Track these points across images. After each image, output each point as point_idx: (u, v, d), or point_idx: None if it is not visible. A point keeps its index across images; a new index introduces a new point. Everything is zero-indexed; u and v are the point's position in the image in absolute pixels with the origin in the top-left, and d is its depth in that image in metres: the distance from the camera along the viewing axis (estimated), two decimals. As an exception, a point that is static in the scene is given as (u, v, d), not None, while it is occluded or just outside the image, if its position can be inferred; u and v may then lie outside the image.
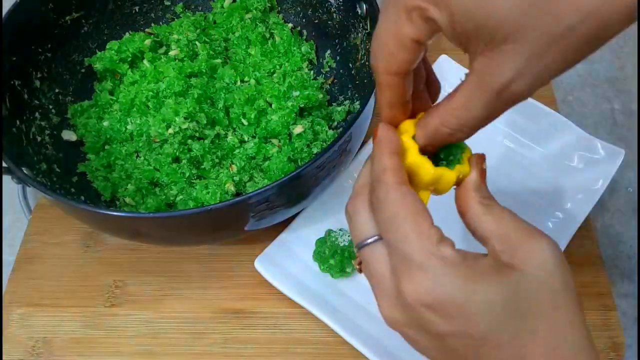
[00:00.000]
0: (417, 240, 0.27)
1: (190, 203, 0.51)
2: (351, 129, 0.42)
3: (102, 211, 0.40)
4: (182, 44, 0.58)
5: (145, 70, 0.57)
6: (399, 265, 0.28)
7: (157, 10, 0.63)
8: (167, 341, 0.49)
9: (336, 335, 0.46)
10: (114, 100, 0.57)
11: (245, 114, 0.54)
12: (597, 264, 0.52)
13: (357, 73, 0.56)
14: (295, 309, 0.49)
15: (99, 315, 0.50)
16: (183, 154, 0.52)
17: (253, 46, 0.60)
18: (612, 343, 0.47)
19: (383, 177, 0.29)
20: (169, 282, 0.52)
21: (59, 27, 0.56)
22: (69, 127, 0.56)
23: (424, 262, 0.26)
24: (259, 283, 0.50)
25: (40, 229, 0.56)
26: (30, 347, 0.49)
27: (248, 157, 0.53)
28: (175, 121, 0.51)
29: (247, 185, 0.52)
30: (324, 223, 0.52)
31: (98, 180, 0.53)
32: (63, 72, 0.57)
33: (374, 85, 0.45)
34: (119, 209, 0.51)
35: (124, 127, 0.55)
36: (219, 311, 0.50)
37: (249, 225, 0.44)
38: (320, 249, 0.50)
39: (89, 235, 0.55)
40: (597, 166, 0.54)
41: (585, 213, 0.52)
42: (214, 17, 0.63)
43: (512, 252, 0.27)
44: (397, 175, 0.29)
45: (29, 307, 0.51)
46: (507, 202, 0.30)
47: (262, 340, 0.48)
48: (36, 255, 0.54)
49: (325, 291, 0.49)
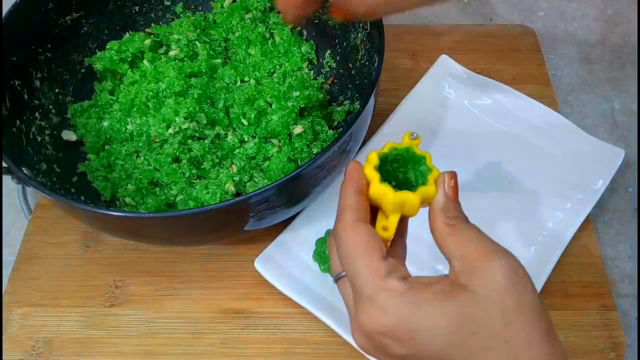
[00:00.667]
0: (367, 274, 0.30)
1: (190, 203, 0.51)
2: (351, 129, 0.42)
3: (102, 211, 0.40)
4: (182, 44, 0.58)
5: (145, 70, 0.57)
6: (355, 298, 0.31)
7: (157, 10, 0.63)
8: (167, 341, 0.49)
9: (336, 335, 0.46)
10: (114, 100, 0.57)
11: (245, 114, 0.54)
12: (597, 264, 0.52)
13: (357, 73, 0.56)
14: (295, 309, 0.49)
15: (99, 315, 0.50)
16: (183, 154, 0.52)
17: (253, 46, 0.60)
18: (612, 343, 0.47)
19: (342, 215, 0.32)
20: (169, 282, 0.52)
21: (59, 27, 0.56)
22: (69, 127, 0.56)
23: (372, 295, 0.29)
24: (259, 283, 0.50)
25: (40, 229, 0.56)
26: (30, 347, 0.49)
27: (248, 157, 0.53)
28: (175, 121, 0.51)
29: (247, 185, 0.52)
30: (324, 223, 0.52)
31: (98, 180, 0.53)
32: (63, 72, 0.57)
33: (374, 85, 0.45)
34: (119, 209, 0.51)
35: (124, 127, 0.55)
36: (219, 311, 0.50)
37: (249, 225, 0.44)
38: (320, 249, 0.50)
39: (89, 235, 0.55)
40: (597, 166, 0.54)
41: (585, 213, 0.52)
42: (214, 17, 0.63)
43: (469, 273, 0.29)
44: (355, 214, 0.32)
45: (29, 307, 0.51)
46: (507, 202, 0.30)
47: (262, 340, 0.48)
48: (36, 255, 0.54)
49: (325, 291, 0.49)
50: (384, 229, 0.32)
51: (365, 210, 0.32)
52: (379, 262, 0.30)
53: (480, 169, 0.56)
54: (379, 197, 0.32)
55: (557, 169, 0.55)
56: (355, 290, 0.31)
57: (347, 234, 0.31)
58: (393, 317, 0.28)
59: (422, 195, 0.32)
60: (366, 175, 0.33)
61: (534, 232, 0.51)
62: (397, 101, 0.59)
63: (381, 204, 0.33)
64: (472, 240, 0.30)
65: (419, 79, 0.61)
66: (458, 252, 0.30)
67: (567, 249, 0.50)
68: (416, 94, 0.60)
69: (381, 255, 0.30)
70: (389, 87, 0.63)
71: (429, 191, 0.32)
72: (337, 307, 0.48)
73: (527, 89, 0.60)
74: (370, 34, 0.52)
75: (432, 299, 0.28)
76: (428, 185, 0.32)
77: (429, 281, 0.30)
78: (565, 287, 0.50)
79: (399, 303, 0.29)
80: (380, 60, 0.46)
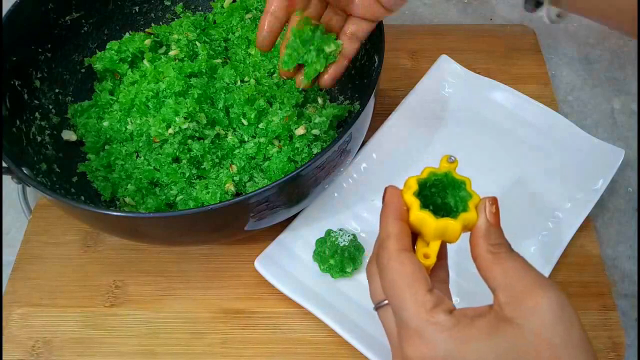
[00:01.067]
0: (413, 307, 0.29)
1: (190, 203, 0.51)
2: (351, 129, 0.42)
3: (102, 211, 0.40)
4: (182, 44, 0.58)
5: (145, 70, 0.57)
6: (400, 329, 0.30)
7: (157, 10, 0.63)
8: (167, 341, 0.49)
9: (336, 335, 0.46)
10: (114, 100, 0.57)
11: (245, 114, 0.54)
12: (597, 264, 0.52)
13: (357, 73, 0.56)
14: (295, 309, 0.49)
15: (99, 315, 0.50)
16: (183, 154, 0.52)
17: (253, 46, 0.60)
18: (612, 343, 0.47)
19: (386, 243, 0.31)
20: (169, 282, 0.52)
21: (59, 27, 0.56)
22: (69, 127, 0.56)
23: (419, 328, 0.29)
24: (259, 283, 0.50)
25: (40, 229, 0.56)
26: (30, 347, 0.49)
27: (248, 157, 0.53)
28: (175, 121, 0.51)
29: (247, 185, 0.52)
30: (324, 223, 0.52)
31: (98, 180, 0.53)
32: (63, 72, 0.57)
33: (374, 85, 0.45)
34: (119, 209, 0.51)
35: (124, 127, 0.55)
36: (219, 311, 0.50)
37: (249, 225, 0.44)
38: (320, 249, 0.50)
39: (89, 235, 0.55)
40: (597, 166, 0.54)
41: (585, 213, 0.52)
42: (214, 17, 0.63)
43: (515, 305, 0.29)
44: (399, 242, 0.31)
45: (29, 307, 0.51)
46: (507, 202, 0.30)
47: (262, 340, 0.48)
48: (36, 255, 0.54)
49: (325, 291, 0.49)
50: (425, 257, 0.32)
51: (408, 238, 0.32)
52: (425, 294, 0.30)
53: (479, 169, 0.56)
54: (419, 224, 0.32)
55: (557, 168, 0.55)
56: (400, 322, 0.30)
57: (392, 264, 0.31)
58: (441, 352, 0.28)
59: (463, 222, 0.32)
60: (406, 202, 0.33)
61: (534, 232, 0.51)
62: (397, 101, 0.59)
63: (422, 231, 0.33)
64: (518, 270, 0.30)
65: (419, 79, 0.61)
66: (503, 283, 0.30)
67: (567, 249, 0.50)
68: (416, 94, 0.60)
69: (427, 287, 0.30)
70: (389, 87, 0.63)
71: (470, 217, 0.32)
72: (337, 307, 0.48)
73: (527, 89, 0.60)
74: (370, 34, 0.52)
75: (479, 335, 0.28)
76: (469, 211, 0.32)
77: (474, 313, 0.29)
78: (565, 287, 0.50)
79: (447, 338, 0.28)
80: (380, 60, 0.46)
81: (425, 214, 0.32)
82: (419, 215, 0.32)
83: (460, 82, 0.61)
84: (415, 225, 0.33)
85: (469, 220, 0.32)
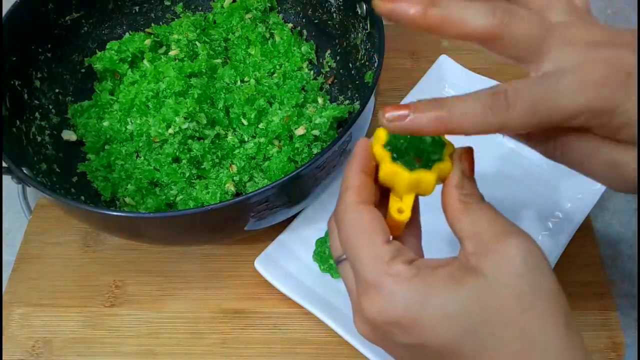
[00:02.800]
0: (370, 260, 0.28)
1: (190, 203, 0.51)
2: (351, 129, 0.42)
3: (102, 211, 0.40)
4: (182, 44, 0.58)
5: (145, 70, 0.57)
6: (358, 285, 0.29)
7: (157, 10, 0.63)
8: (167, 341, 0.49)
9: (336, 335, 0.46)
10: (114, 100, 0.57)
11: (245, 114, 0.54)
12: (597, 264, 0.52)
13: (357, 73, 0.56)
14: (295, 309, 0.49)
15: (99, 315, 0.50)
16: (183, 154, 0.52)
17: (253, 46, 0.60)
18: (612, 343, 0.47)
19: (344, 195, 0.30)
20: (169, 282, 0.52)
21: (59, 27, 0.56)
22: (69, 127, 0.56)
23: (376, 280, 0.27)
24: (259, 283, 0.50)
25: (40, 229, 0.56)
26: (30, 347, 0.49)
27: (248, 157, 0.53)
28: (175, 121, 0.51)
29: (247, 185, 0.52)
30: (324, 223, 0.52)
31: (98, 180, 0.53)
32: (63, 72, 0.57)
33: (374, 85, 0.45)
34: (119, 209, 0.51)
35: (124, 127, 0.55)
36: (219, 311, 0.50)
37: (249, 225, 0.44)
38: (320, 249, 0.50)
39: (89, 235, 0.55)
40: (597, 166, 0.54)
41: (585, 213, 0.52)
42: (214, 17, 0.63)
43: (481, 255, 0.27)
44: (358, 195, 0.29)
45: (29, 307, 0.51)
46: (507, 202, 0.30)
47: (262, 340, 0.48)
48: (36, 255, 0.54)
49: (325, 291, 0.49)
50: (399, 212, 0.30)
51: (369, 192, 0.30)
52: (382, 245, 0.28)
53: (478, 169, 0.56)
54: (391, 177, 0.30)
55: (557, 168, 0.55)
56: (357, 276, 0.28)
57: (349, 216, 0.29)
58: (399, 305, 0.26)
59: (437, 173, 0.29)
60: (375, 154, 0.30)
61: (534, 232, 0.51)
62: (397, 101, 0.59)
63: (394, 184, 0.30)
64: (486, 219, 0.28)
65: (419, 79, 0.60)
66: (470, 232, 0.28)
67: (567, 249, 0.50)
68: (416, 94, 0.59)
69: (385, 238, 0.28)
70: (389, 87, 0.63)
71: (445, 167, 0.30)
72: (337, 307, 0.48)
73: (527, 89, 0.60)
74: (370, 34, 0.52)
75: (441, 286, 0.26)
76: (444, 161, 0.30)
77: (437, 264, 0.27)
78: (565, 287, 0.49)
79: (405, 290, 0.26)
80: (380, 60, 0.46)
81: (397, 166, 0.29)
82: (391, 167, 0.29)
83: (460, 83, 0.61)
84: (387, 179, 0.30)
85: (444, 170, 0.30)
